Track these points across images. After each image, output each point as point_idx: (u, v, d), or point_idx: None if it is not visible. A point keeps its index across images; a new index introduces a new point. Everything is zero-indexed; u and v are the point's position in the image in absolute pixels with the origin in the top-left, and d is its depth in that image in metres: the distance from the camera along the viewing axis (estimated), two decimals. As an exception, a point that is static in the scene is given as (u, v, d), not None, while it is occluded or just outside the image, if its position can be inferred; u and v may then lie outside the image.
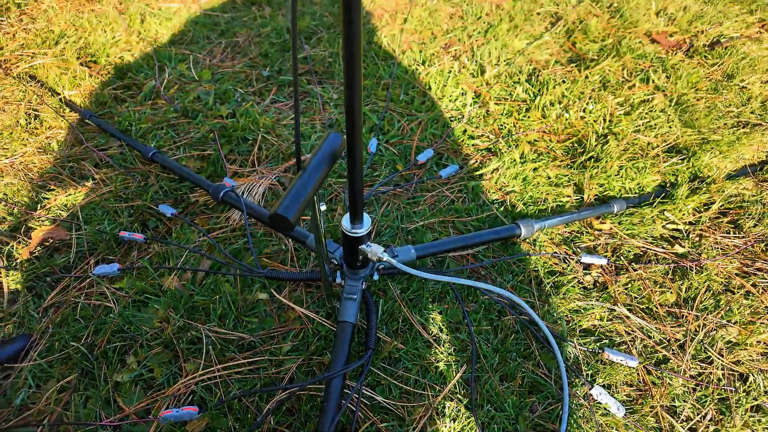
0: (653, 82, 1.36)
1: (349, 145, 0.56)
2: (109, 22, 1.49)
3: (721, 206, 1.01)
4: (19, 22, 1.49)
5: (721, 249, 0.94)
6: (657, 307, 0.84)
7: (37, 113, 1.17)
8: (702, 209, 1.02)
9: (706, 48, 1.55)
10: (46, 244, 0.89)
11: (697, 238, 0.96)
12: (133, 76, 1.30)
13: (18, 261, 0.86)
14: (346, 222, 0.67)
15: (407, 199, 1.01)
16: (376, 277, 0.77)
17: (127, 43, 1.43)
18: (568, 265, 0.88)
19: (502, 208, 0.98)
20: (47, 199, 0.98)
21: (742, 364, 0.78)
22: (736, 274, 0.90)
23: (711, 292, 0.87)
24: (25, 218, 0.94)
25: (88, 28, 1.46)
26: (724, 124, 1.25)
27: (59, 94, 1.22)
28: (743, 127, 1.25)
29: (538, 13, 1.65)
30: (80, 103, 1.22)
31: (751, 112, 1.31)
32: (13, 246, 0.88)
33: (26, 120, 1.15)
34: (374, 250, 0.68)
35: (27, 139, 1.11)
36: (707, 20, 1.66)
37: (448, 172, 1.05)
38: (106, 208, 0.95)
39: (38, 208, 0.97)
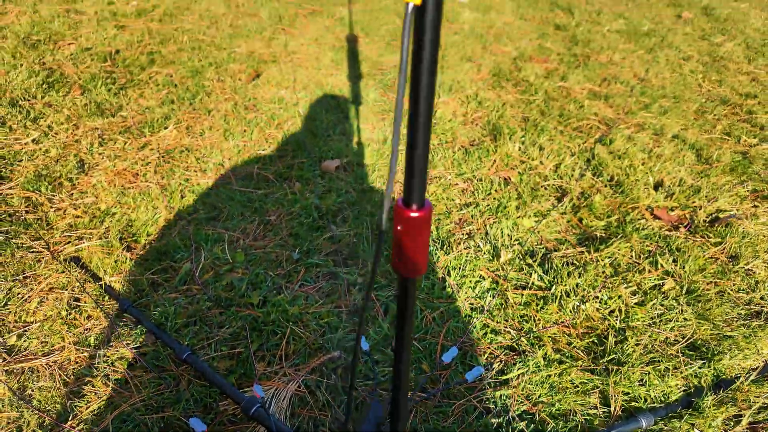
0: (662, 266, 1.43)
1: (394, 402, 0.59)
2: (152, 199, 1.62)
3: (750, 420, 1.01)
4: (69, 197, 1.62)
5: (759, 476, 0.92)
6: None
7: (78, 303, 1.24)
8: (732, 421, 1.01)
9: (707, 224, 1.65)
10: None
11: (732, 460, 0.95)
12: (170, 261, 1.39)
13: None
14: None
15: (434, 407, 1.02)
16: None
17: (167, 221, 1.55)
18: (605, 501, 0.86)
19: (531, 427, 0.98)
20: (79, 407, 1.00)
21: None
22: None
23: None
24: (56, 432, 0.95)
25: (132, 205, 1.59)
26: (738, 314, 1.28)
27: (100, 280, 1.30)
28: (756, 318, 1.28)
29: (544, 187, 1.79)
30: (120, 289, 1.29)
31: (761, 298, 1.35)
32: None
33: (66, 311, 1.21)
34: None
35: (65, 332, 1.16)
36: (703, 195, 1.78)
37: (474, 375, 1.06)
38: (137, 420, 0.96)
39: (70, 417, 0.98)
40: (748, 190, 1.85)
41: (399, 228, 0.45)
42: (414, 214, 0.43)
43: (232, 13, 3.00)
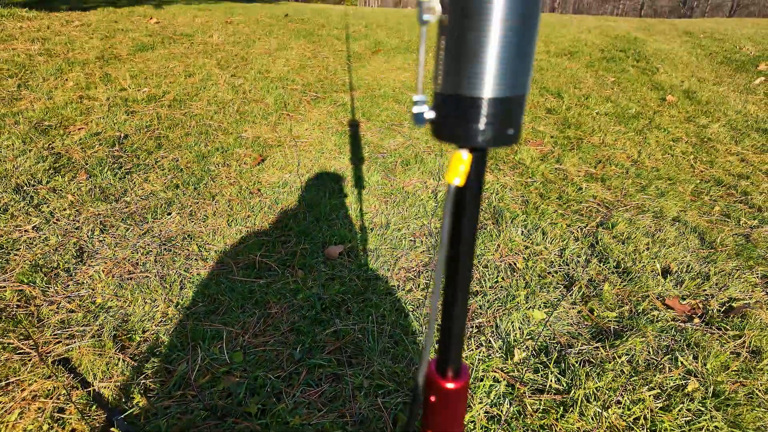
0: (682, 363, 1.36)
1: None
2: (150, 291, 1.58)
3: None
4: (65, 290, 1.57)
5: None
6: None
7: (62, 415, 1.15)
8: None
9: (721, 314, 1.60)
10: None
11: None
12: (165, 362, 1.32)
13: None
14: None
15: None
16: None
17: (164, 316, 1.49)
18: None
19: None
20: None
21: None
22: None
23: None
24: None
25: (129, 298, 1.54)
26: (770, 420, 1.21)
27: (90, 385, 1.22)
28: (790, 424, 1.20)
29: (551, 274, 1.75)
30: (109, 396, 1.21)
31: (791, 400, 1.28)
32: None
33: (49, 424, 1.12)
34: None
35: (47, 450, 1.06)
36: (713, 282, 1.75)
37: (493, 500, 0.96)
38: None
39: None
40: (757, 276, 1.83)
41: (432, 399, 0.40)
42: (450, 385, 0.39)
43: (239, 99, 3.13)
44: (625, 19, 8.77)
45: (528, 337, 1.45)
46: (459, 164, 0.33)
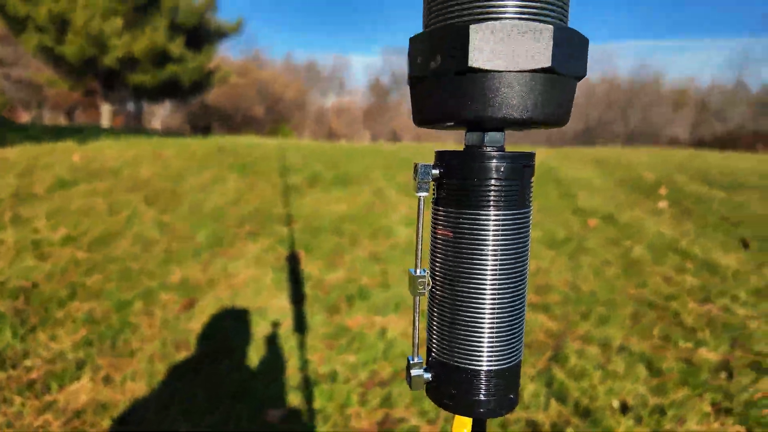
0: None
1: None
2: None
3: None
4: None
5: None
6: None
7: None
8: None
9: (688, 455, 1.54)
10: None
11: None
12: None
13: None
14: None
15: None
16: None
17: None
18: None
19: None
20: None
21: None
22: None
23: None
24: None
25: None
26: None
27: None
28: None
29: (513, 422, 1.64)
30: None
31: None
32: None
33: None
34: None
35: None
36: (670, 415, 1.71)
37: None
38: None
39: None
40: (707, 403, 1.82)
41: None
42: None
43: (167, 237, 2.98)
44: (537, 148, 9.92)
45: None
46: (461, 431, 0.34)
